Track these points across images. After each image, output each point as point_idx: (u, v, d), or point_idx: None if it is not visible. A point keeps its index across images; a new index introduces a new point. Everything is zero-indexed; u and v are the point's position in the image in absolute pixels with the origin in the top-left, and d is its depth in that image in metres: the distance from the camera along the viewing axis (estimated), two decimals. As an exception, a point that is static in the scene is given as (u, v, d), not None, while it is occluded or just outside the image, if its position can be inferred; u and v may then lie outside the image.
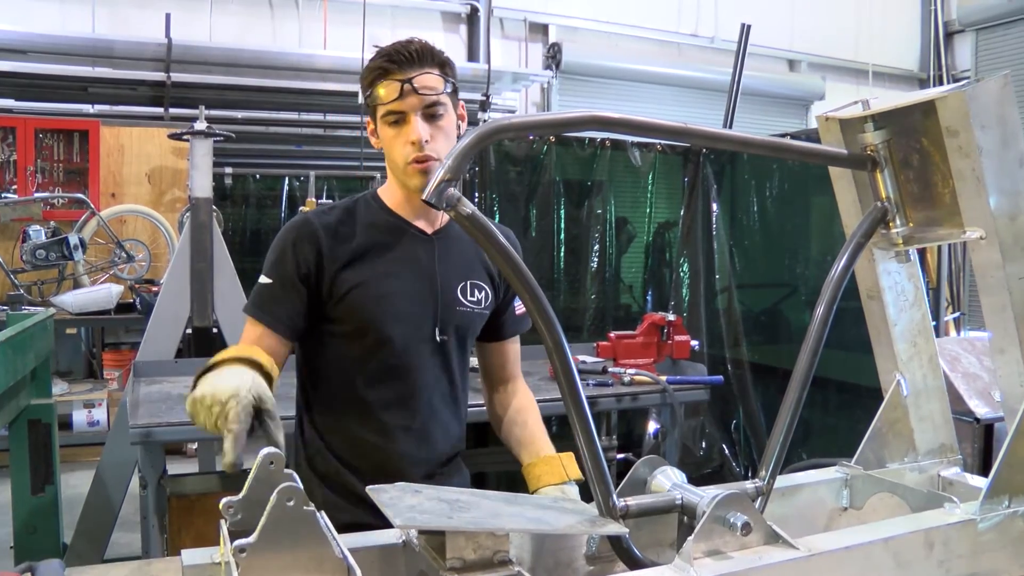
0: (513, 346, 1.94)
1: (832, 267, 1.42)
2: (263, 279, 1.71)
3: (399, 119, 1.65)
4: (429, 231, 1.77)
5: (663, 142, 4.60)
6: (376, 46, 1.73)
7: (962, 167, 1.35)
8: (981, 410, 3.12)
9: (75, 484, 4.65)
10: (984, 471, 1.82)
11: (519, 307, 1.89)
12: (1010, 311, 1.39)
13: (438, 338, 1.73)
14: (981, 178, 1.33)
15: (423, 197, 1.07)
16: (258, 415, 1.30)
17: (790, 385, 1.38)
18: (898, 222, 1.48)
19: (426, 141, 1.64)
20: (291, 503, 0.99)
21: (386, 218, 1.76)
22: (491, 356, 1.93)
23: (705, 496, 1.21)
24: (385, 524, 1.46)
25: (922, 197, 1.46)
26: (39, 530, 3.24)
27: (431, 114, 1.65)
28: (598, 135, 4.37)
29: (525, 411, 1.88)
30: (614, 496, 1.20)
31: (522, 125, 1.09)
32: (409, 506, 1.08)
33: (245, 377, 1.34)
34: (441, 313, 1.75)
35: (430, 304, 1.74)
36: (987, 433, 3.11)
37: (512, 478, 4.07)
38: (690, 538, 1.16)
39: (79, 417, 5.76)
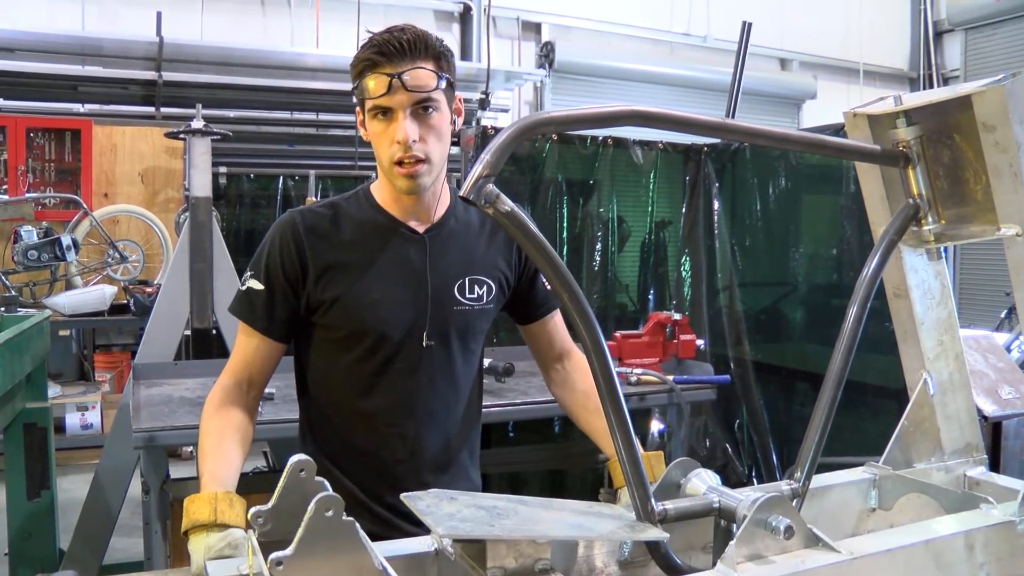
0: (555, 321, 1.87)
1: (864, 266, 1.40)
2: (252, 282, 1.66)
3: (387, 115, 1.56)
4: (420, 230, 1.70)
5: (665, 140, 4.58)
6: (369, 31, 1.63)
7: (999, 163, 1.33)
8: (988, 408, 3.11)
9: (69, 488, 4.60)
10: (994, 469, 1.79)
11: None
12: (1046, 309, 1.37)
13: (424, 343, 1.67)
14: (1019, 174, 1.31)
15: (461, 194, 1.03)
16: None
17: (824, 385, 1.36)
18: (930, 219, 1.45)
19: (414, 141, 1.55)
20: (330, 513, 0.95)
21: (375, 217, 1.69)
22: (536, 337, 1.87)
23: (745, 499, 1.18)
24: (387, 532, 1.44)
25: (953, 194, 1.44)
26: (35, 536, 3.19)
27: (422, 111, 1.56)
28: (600, 133, 4.34)
29: (595, 394, 1.85)
30: (653, 500, 1.17)
31: (563, 119, 1.06)
32: (448, 514, 1.05)
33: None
34: (435, 316, 1.69)
35: (422, 308, 1.68)
36: (995, 431, 3.10)
37: (514, 479, 4.07)
38: (732, 543, 1.13)
39: (72, 420, 5.70)
